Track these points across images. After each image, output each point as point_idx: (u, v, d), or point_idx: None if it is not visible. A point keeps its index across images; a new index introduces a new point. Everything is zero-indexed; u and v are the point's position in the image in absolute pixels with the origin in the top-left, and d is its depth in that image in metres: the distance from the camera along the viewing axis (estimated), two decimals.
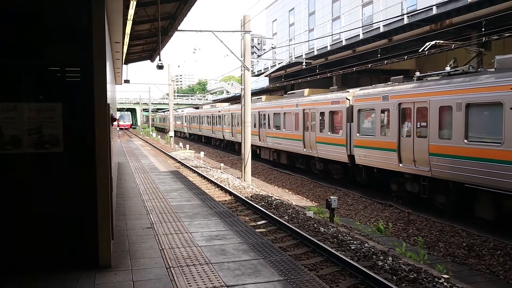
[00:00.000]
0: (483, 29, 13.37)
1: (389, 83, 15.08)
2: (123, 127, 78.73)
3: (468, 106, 11.00)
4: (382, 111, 14.47)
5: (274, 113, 23.61)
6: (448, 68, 12.56)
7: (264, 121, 25.13)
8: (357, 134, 15.82)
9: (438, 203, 12.48)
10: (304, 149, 20.05)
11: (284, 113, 22.21)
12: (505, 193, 10.00)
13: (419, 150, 12.65)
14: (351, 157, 16.35)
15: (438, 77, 12.74)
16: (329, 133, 17.84)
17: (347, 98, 16.67)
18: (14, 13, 5.32)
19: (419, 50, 14.04)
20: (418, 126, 12.84)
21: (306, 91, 21.59)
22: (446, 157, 11.61)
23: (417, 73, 13.95)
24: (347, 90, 17.84)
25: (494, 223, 10.80)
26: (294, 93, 23.31)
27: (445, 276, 7.00)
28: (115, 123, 10.22)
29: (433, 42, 13.16)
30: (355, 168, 16.45)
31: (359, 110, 15.79)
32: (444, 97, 11.75)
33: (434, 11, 15.80)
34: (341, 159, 17.09)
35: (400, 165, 13.47)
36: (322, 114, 18.47)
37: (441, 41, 13.39)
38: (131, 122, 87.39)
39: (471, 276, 8.34)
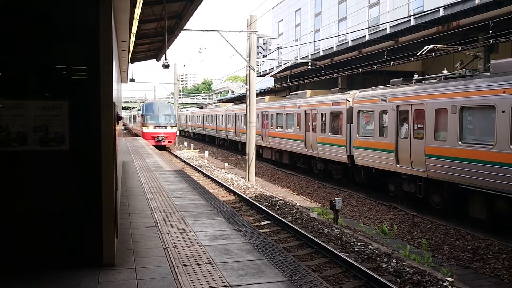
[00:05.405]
0: (490, 32, 13.32)
1: (389, 85, 15.16)
2: (160, 138, 33.84)
3: (462, 108, 11.21)
4: (381, 113, 14.60)
5: (277, 114, 23.66)
6: (445, 72, 12.80)
7: (266, 121, 25.17)
8: (357, 135, 15.94)
9: (434, 203, 12.65)
10: (306, 149, 20.11)
11: (287, 113, 22.27)
12: (496, 194, 10.22)
13: (416, 151, 12.80)
14: (351, 157, 16.47)
15: (436, 80, 12.92)
16: (329, 133, 17.91)
17: (347, 100, 16.74)
18: (22, 11, 5.34)
19: (417, 54, 14.08)
20: (415, 128, 13.00)
21: (308, 92, 21.63)
22: (441, 158, 11.79)
23: (416, 76, 14.17)
24: (348, 91, 17.89)
25: (493, 225, 10.86)
26: (296, 94, 23.35)
27: (450, 279, 6.98)
28: (122, 122, 10.17)
29: (431, 46, 13.26)
30: (355, 168, 16.56)
31: (359, 112, 15.91)
32: (440, 100, 11.94)
33: (441, 12, 15.71)
34: (341, 160, 17.19)
35: (398, 165, 13.63)
36: (323, 115, 18.55)
37: (439, 45, 13.43)
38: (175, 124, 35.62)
39: (475, 279, 8.29)
